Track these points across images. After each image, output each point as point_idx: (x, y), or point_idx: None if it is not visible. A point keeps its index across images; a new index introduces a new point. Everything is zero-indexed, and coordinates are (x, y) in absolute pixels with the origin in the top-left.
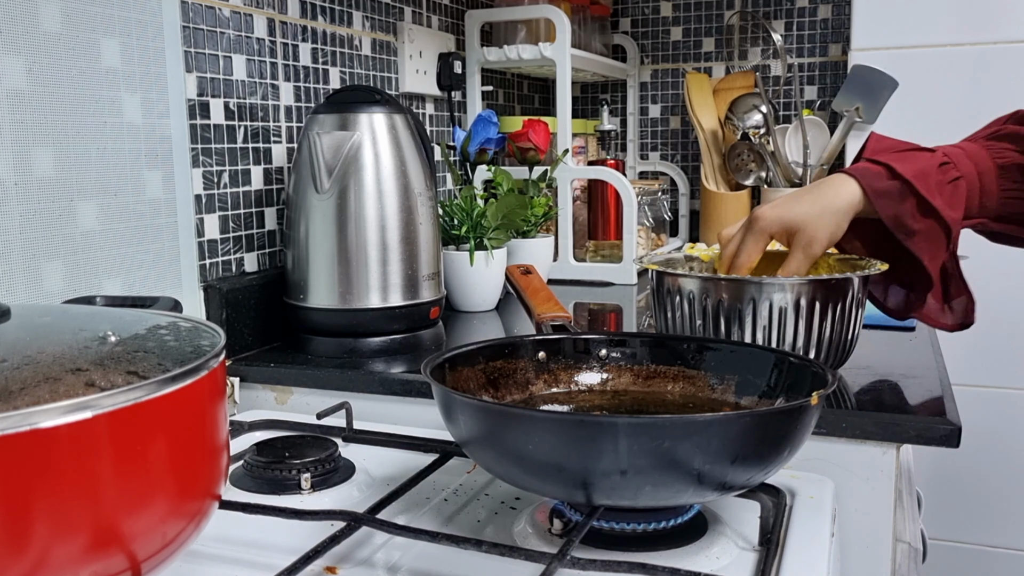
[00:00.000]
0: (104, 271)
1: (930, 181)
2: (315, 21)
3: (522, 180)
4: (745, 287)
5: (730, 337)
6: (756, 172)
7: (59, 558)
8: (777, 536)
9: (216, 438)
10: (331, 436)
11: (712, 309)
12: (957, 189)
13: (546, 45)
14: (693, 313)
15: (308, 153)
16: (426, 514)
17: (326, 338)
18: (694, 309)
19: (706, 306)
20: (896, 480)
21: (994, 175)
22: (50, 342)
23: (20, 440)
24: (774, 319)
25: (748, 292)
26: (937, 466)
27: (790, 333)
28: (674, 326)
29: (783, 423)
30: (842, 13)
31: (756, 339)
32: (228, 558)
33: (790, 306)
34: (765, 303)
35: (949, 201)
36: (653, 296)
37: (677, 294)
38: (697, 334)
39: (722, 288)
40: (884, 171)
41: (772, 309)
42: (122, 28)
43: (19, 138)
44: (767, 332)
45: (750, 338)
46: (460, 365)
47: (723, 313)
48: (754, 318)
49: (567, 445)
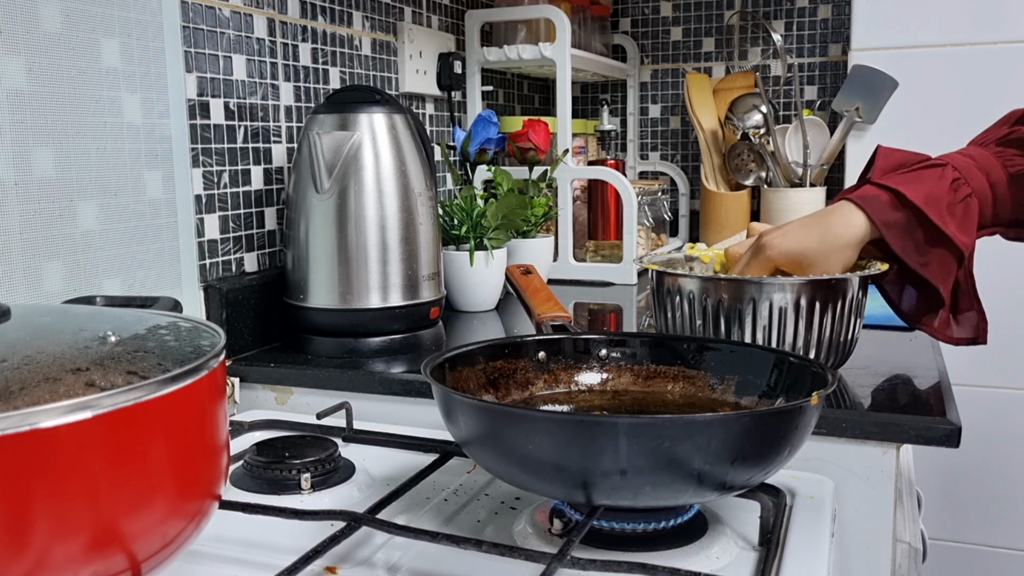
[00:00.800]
0: (104, 271)
1: (941, 205)
2: (315, 21)
3: (522, 180)
4: (745, 287)
5: (730, 337)
6: (756, 172)
7: (59, 558)
8: (777, 536)
9: (216, 438)
10: (331, 436)
11: (712, 309)
12: (969, 209)
13: (546, 45)
14: (693, 313)
15: (308, 153)
16: (426, 514)
17: (326, 338)
18: (694, 309)
19: (706, 306)
20: (896, 480)
21: (1006, 185)
22: (50, 342)
23: (20, 440)
24: (774, 319)
25: (748, 292)
26: (937, 466)
27: (790, 333)
28: (674, 326)
29: (783, 423)
30: (842, 13)
31: (756, 339)
32: (228, 558)
33: (790, 306)
34: (765, 303)
35: (961, 225)
36: (653, 296)
37: (677, 294)
38: (697, 334)
39: (722, 288)
40: (892, 199)
41: (772, 309)
42: (122, 28)
43: (19, 138)
44: (767, 332)
45: (750, 338)
46: (460, 365)
47: (723, 313)
48: (754, 318)
49: (567, 445)
